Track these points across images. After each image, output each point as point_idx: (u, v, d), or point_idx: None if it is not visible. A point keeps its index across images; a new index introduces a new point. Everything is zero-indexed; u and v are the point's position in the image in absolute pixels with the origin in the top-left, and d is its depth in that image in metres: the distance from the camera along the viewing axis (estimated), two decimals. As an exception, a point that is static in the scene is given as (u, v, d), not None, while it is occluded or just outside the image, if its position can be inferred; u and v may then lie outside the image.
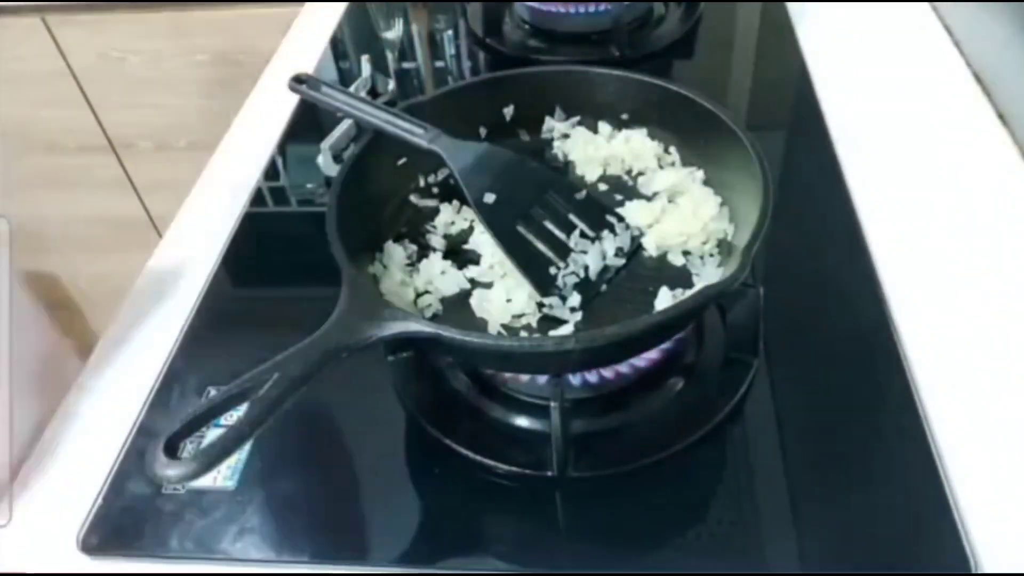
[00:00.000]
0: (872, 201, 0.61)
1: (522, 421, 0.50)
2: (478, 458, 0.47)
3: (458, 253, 0.53)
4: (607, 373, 0.49)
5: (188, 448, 0.36)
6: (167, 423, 0.36)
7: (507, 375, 0.51)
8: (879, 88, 0.72)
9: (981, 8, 0.71)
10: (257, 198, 0.70)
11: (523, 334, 0.47)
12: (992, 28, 0.68)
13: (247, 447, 0.48)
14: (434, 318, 0.49)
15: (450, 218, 0.56)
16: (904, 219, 0.60)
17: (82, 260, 1.43)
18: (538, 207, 0.52)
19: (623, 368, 0.49)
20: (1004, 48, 0.66)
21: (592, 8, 0.81)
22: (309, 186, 0.72)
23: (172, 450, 0.35)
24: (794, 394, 0.50)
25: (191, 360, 0.56)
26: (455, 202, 0.57)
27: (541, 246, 0.50)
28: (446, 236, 0.55)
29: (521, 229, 0.51)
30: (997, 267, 0.56)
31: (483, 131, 0.59)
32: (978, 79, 0.70)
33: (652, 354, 0.49)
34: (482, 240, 0.53)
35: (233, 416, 0.38)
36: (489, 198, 0.51)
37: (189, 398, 0.53)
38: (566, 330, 0.47)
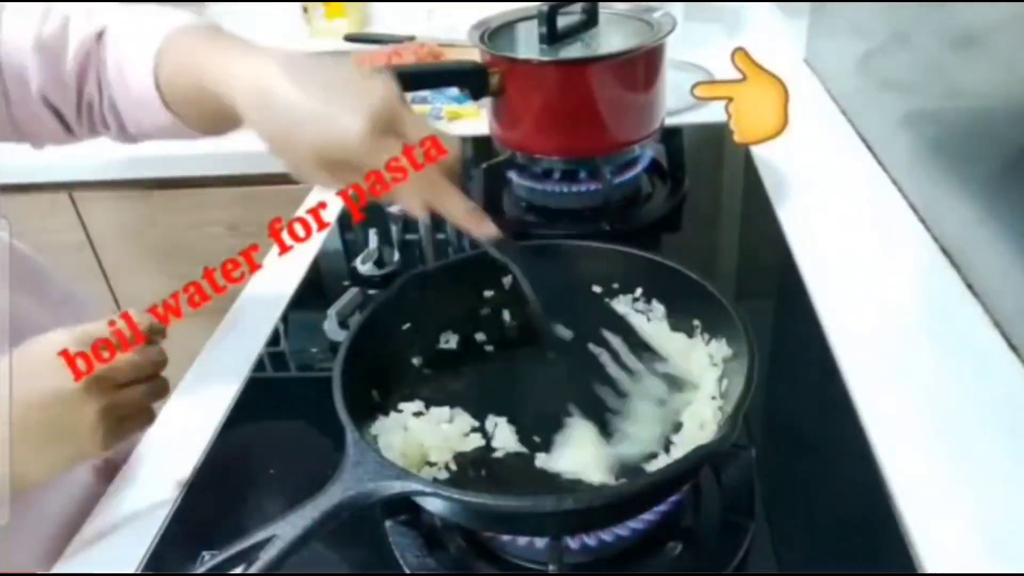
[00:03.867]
0: (857, 365, 0.63)
1: (521, 587, 0.49)
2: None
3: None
4: (606, 536, 0.49)
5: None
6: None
7: (505, 539, 0.50)
8: (854, 261, 0.77)
9: (942, 189, 0.77)
10: (259, 364, 0.72)
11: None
12: (955, 207, 0.74)
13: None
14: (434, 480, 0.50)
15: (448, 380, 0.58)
16: (889, 381, 0.62)
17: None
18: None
19: (621, 531, 0.49)
20: (969, 225, 0.71)
21: (583, 187, 0.87)
22: (313, 351, 0.74)
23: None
24: (793, 558, 0.50)
25: (186, 525, 0.56)
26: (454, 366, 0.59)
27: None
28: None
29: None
30: (977, 421, 0.57)
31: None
32: (946, 253, 0.75)
33: (649, 516, 0.49)
34: None
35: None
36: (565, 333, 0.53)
37: (184, 563, 0.52)
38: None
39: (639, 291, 0.61)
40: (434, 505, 0.46)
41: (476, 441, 0.52)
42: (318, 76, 0.49)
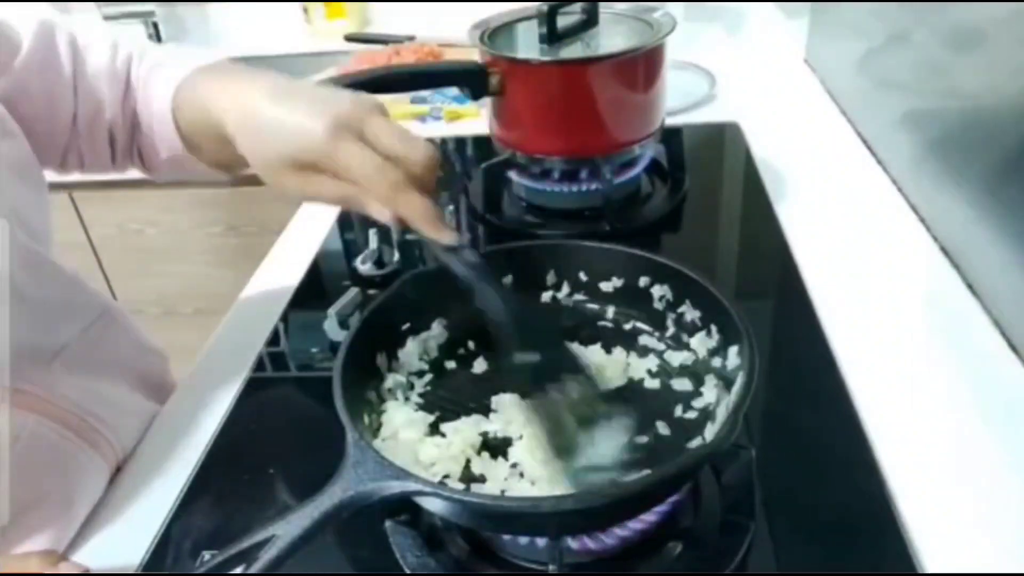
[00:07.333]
0: (857, 365, 0.63)
1: (521, 588, 0.49)
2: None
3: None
4: (606, 536, 0.49)
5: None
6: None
7: (505, 539, 0.50)
8: (854, 261, 0.77)
9: (942, 189, 0.77)
10: (259, 364, 0.72)
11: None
12: (955, 207, 0.74)
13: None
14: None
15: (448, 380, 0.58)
16: (888, 381, 0.62)
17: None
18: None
19: (621, 531, 0.49)
20: (969, 225, 0.71)
21: (583, 187, 0.87)
22: (313, 351, 0.74)
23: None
24: (793, 558, 0.50)
25: (186, 525, 0.56)
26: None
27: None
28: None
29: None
30: (978, 421, 0.57)
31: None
32: (946, 253, 0.75)
33: (650, 516, 0.49)
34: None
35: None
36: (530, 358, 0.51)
37: (184, 563, 0.52)
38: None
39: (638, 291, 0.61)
40: (434, 505, 0.46)
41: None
42: (294, 92, 0.52)
